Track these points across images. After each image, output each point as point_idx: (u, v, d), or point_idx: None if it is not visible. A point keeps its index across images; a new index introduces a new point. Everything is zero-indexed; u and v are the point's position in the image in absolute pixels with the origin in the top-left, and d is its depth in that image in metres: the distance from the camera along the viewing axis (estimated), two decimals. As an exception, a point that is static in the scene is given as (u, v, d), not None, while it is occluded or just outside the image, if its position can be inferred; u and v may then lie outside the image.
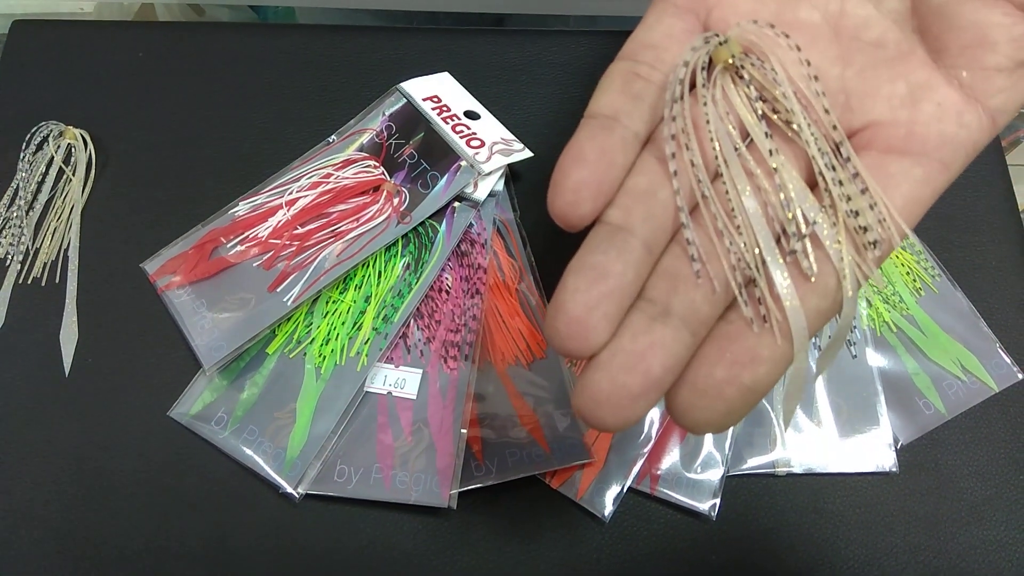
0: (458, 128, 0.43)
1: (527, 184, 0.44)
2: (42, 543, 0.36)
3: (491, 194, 0.42)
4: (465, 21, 0.59)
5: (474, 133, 0.43)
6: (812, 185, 0.23)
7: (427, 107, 0.44)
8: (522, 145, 0.43)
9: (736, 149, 0.22)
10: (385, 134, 0.44)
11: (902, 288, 0.42)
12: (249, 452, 0.37)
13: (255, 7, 0.66)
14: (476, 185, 0.42)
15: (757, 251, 0.21)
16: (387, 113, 0.44)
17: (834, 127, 0.22)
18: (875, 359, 0.40)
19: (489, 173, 0.41)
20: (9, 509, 0.36)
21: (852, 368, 0.40)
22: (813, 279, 0.21)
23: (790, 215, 0.22)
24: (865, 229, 0.21)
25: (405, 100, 0.44)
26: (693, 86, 0.23)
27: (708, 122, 0.23)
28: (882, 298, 0.42)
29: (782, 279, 0.21)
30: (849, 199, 0.22)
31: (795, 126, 0.22)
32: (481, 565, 0.36)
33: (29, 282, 0.41)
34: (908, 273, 0.42)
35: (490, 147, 0.42)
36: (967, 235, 0.44)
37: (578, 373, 0.38)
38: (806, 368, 0.22)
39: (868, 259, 0.21)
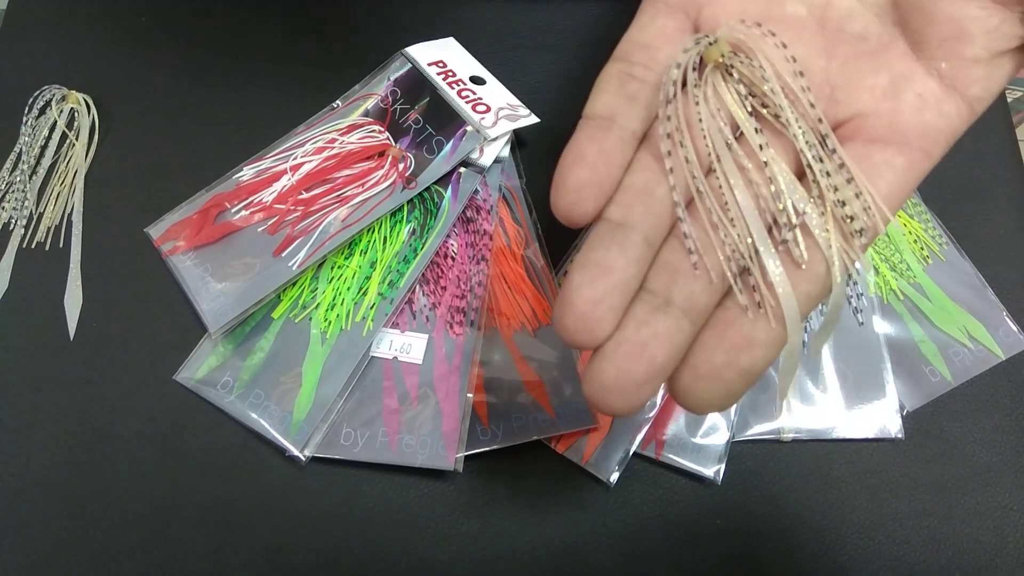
0: (464, 93, 0.43)
1: (533, 150, 0.44)
2: (48, 507, 0.36)
3: (497, 160, 0.42)
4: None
5: (480, 98, 0.42)
6: (800, 175, 0.23)
7: (432, 72, 0.43)
8: (528, 111, 0.43)
9: (728, 145, 0.23)
10: (390, 99, 0.43)
11: (909, 256, 0.42)
12: (255, 416, 0.37)
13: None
14: (482, 151, 0.41)
15: (750, 241, 0.22)
16: (392, 78, 0.44)
17: (820, 120, 0.23)
18: (882, 327, 0.40)
19: (495, 138, 0.41)
20: (15, 473, 0.36)
21: (859, 335, 0.40)
22: (804, 267, 0.22)
23: (781, 206, 0.23)
24: (851, 218, 0.22)
25: (410, 65, 0.44)
26: (685, 84, 0.24)
27: (700, 119, 0.24)
28: (889, 266, 0.41)
29: (775, 267, 0.22)
30: (836, 189, 0.23)
31: (783, 120, 0.23)
32: (487, 528, 0.36)
33: (33, 247, 0.41)
34: (916, 241, 0.42)
35: (496, 112, 0.42)
36: (975, 204, 0.44)
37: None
38: (800, 347, 0.23)
39: (855, 246, 0.23)
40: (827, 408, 0.38)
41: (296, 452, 0.36)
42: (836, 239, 0.22)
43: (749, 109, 0.24)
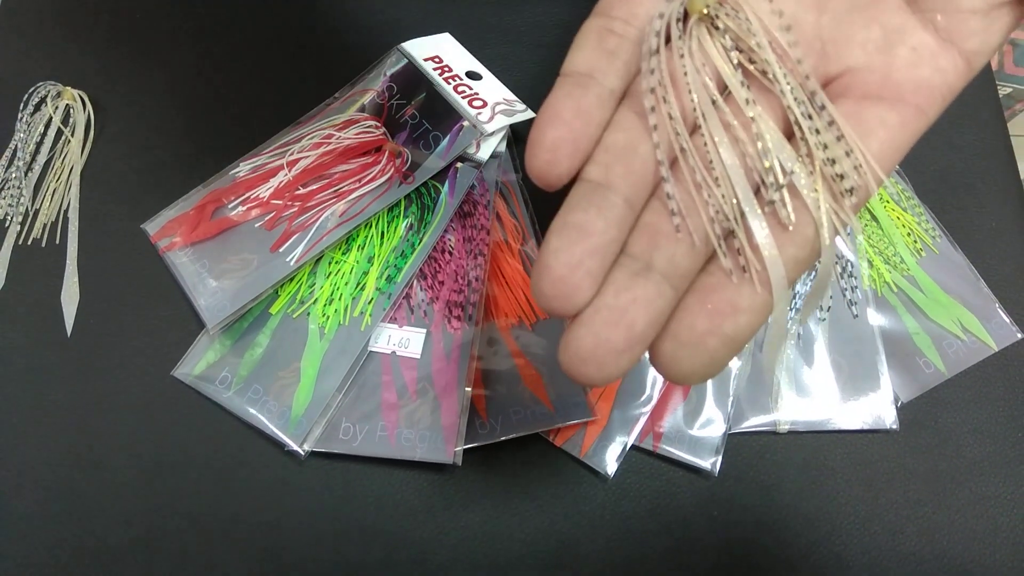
0: (460, 88, 0.43)
1: (529, 145, 0.44)
2: (45, 503, 0.36)
3: (493, 155, 0.42)
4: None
5: (476, 93, 0.43)
6: (789, 135, 0.23)
7: (428, 67, 0.43)
8: (524, 106, 0.43)
9: (713, 101, 0.22)
10: (386, 95, 0.43)
11: (903, 249, 0.42)
12: (254, 411, 0.37)
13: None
14: (478, 146, 0.41)
15: (735, 202, 0.22)
16: (388, 73, 0.44)
17: (807, 77, 0.22)
18: (876, 319, 0.40)
19: (491, 133, 0.41)
20: (11, 470, 0.36)
21: (853, 328, 0.40)
22: (791, 228, 0.22)
23: (767, 165, 0.22)
24: (841, 177, 0.22)
25: (406, 61, 0.44)
26: (669, 39, 0.23)
27: (685, 74, 0.23)
28: (883, 259, 0.42)
29: (761, 229, 0.21)
30: (825, 147, 0.22)
31: (770, 76, 0.22)
32: (486, 521, 0.36)
33: (29, 243, 0.40)
34: (909, 234, 0.42)
35: (492, 107, 0.42)
36: (967, 197, 0.44)
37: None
38: (786, 315, 0.22)
39: (845, 206, 0.22)
40: (822, 400, 0.39)
41: (295, 447, 0.36)
42: (825, 199, 0.22)
43: (735, 63, 0.23)
